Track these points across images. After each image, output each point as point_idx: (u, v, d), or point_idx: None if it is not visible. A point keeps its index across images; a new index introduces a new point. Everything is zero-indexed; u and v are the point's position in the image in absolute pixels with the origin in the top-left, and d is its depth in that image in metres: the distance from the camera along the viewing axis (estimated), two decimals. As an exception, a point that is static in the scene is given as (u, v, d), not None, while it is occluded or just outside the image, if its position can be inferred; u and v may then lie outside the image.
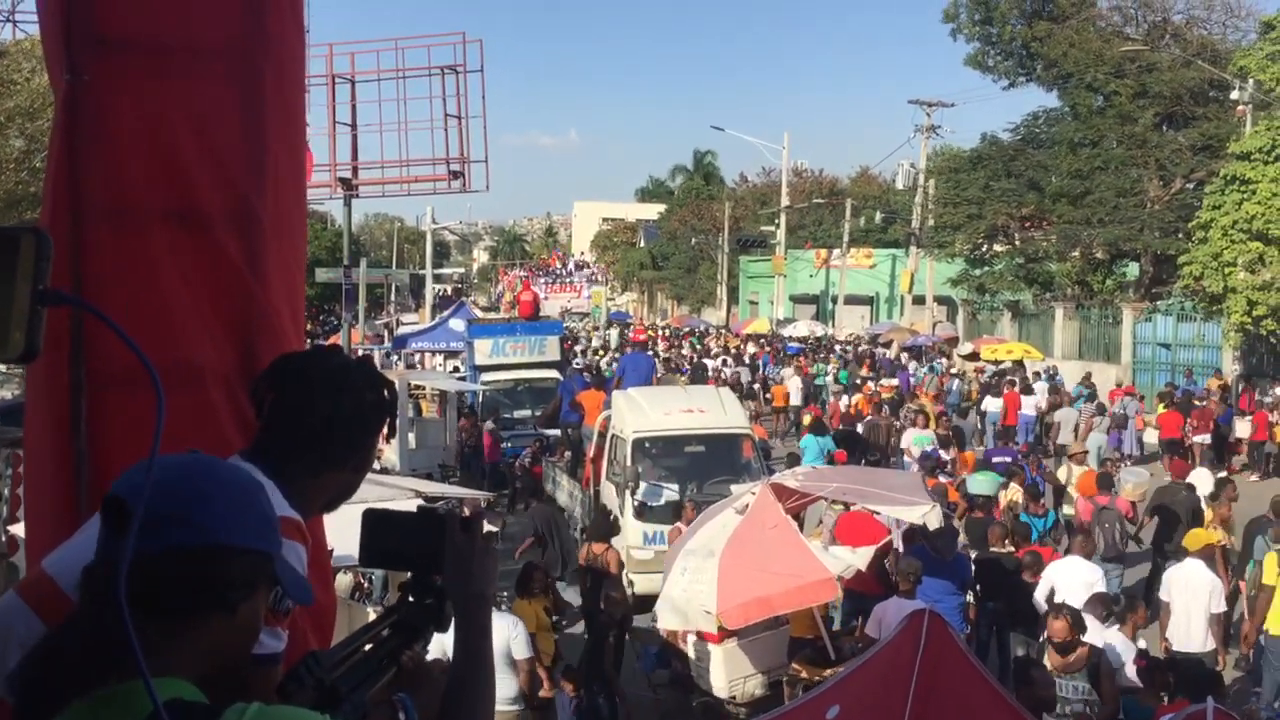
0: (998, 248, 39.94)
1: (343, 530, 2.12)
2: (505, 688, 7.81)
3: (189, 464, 1.48)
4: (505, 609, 8.51)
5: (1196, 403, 23.22)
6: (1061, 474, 16.41)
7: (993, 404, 25.52)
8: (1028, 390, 25.82)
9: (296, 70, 2.87)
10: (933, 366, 33.63)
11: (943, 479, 15.88)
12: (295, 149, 2.85)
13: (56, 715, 1.36)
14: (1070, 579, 9.95)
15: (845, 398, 25.77)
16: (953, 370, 32.67)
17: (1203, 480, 14.34)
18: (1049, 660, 7.74)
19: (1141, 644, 8.94)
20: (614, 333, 53.39)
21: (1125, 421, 23.06)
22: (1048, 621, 8.06)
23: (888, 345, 41.34)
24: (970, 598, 10.90)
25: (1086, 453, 17.56)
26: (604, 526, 12.39)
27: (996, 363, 31.52)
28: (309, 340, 4.15)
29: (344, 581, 11.39)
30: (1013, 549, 11.49)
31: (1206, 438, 22.08)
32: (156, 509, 1.36)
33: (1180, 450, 21.21)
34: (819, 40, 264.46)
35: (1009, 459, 17.23)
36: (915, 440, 19.15)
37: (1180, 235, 31.15)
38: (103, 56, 2.46)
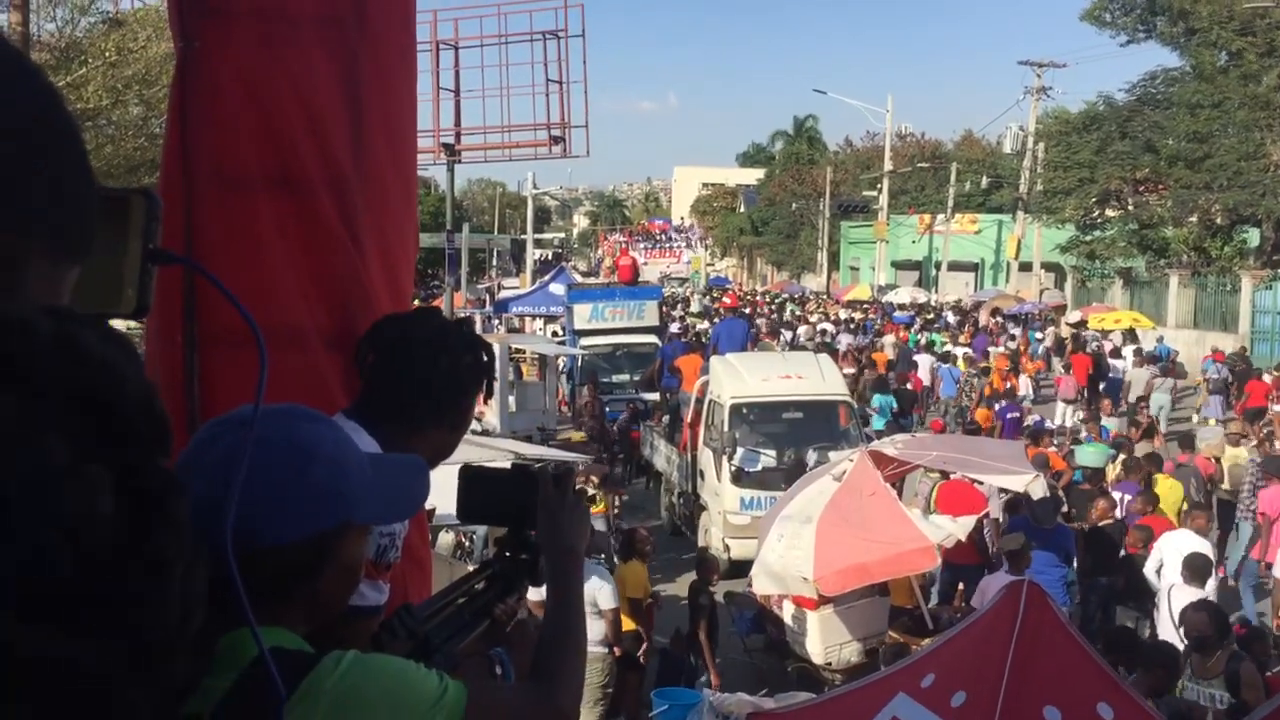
0: (1110, 213, 38.69)
1: (443, 489, 2.17)
2: (593, 630, 8.12)
3: (232, 450, 1.41)
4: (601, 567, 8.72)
5: (1276, 371, 23.16)
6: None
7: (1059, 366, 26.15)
8: (1117, 354, 26.44)
9: (397, 42, 2.88)
10: (1031, 334, 32.93)
11: (1052, 449, 15.68)
12: (394, 120, 2.86)
13: None
14: (1179, 553, 9.69)
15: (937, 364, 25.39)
16: (1037, 337, 32.12)
17: None
18: (1191, 666, 6.93)
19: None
20: (693, 295, 53.30)
21: (1225, 387, 23.38)
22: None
23: (994, 313, 40.42)
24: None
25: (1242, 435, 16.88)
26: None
27: (1105, 331, 30.74)
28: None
29: (446, 540, 11.63)
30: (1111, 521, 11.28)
31: None
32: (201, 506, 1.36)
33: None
34: (925, 1, 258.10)
35: (1016, 414, 19.43)
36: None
37: (1306, 200, 29.87)
38: (212, 24, 2.53)
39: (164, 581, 0.76)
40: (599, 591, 8.28)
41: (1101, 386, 24.61)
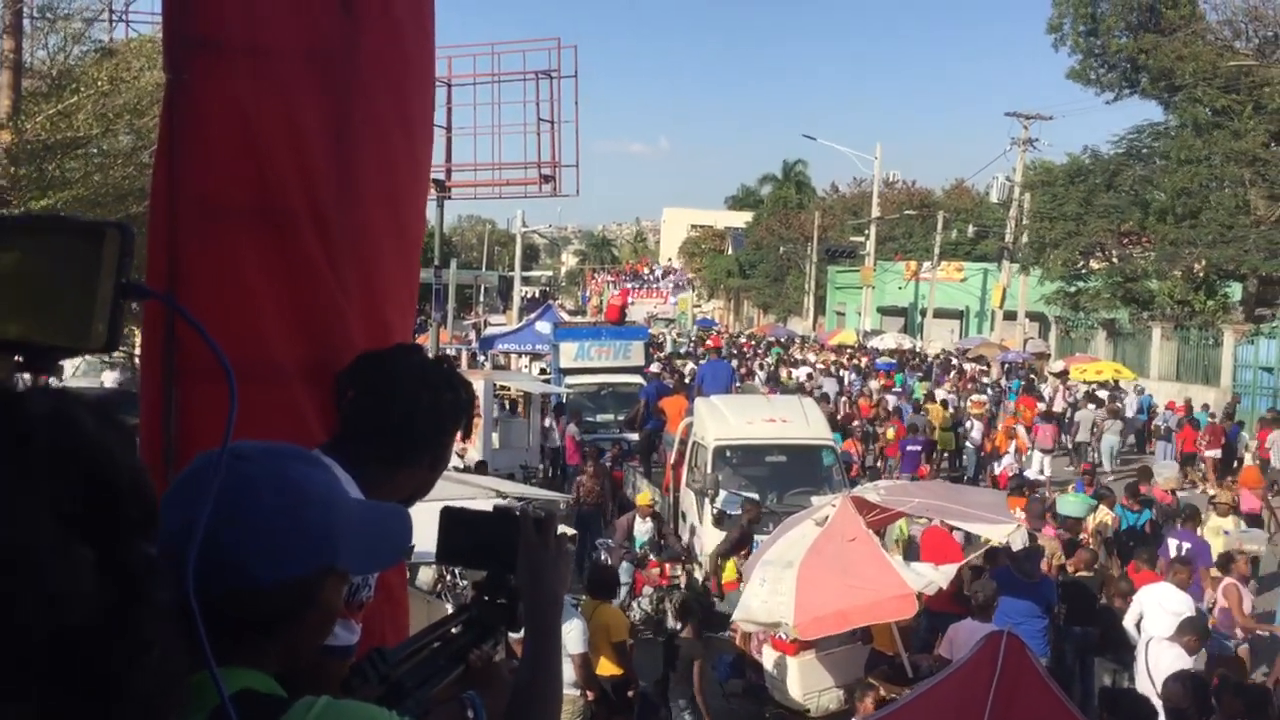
0: (1094, 264, 38.97)
1: (421, 526, 2.14)
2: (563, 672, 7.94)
3: (227, 488, 1.37)
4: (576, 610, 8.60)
5: (1209, 419, 24.32)
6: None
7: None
8: (1092, 398, 27.24)
9: (396, 78, 2.85)
10: (1014, 384, 33.04)
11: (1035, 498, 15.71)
12: (389, 156, 2.85)
13: None
14: (1160, 606, 9.66)
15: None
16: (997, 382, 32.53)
17: None
18: None
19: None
20: (669, 334, 53.65)
21: (1169, 434, 24.43)
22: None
23: (978, 360, 40.55)
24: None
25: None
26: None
27: (1087, 382, 30.89)
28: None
29: (426, 576, 11.52)
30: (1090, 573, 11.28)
31: (1218, 452, 22.56)
32: (190, 547, 1.30)
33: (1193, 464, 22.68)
34: (915, 51, 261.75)
35: (917, 447, 20.31)
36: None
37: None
38: (200, 57, 2.53)
39: (140, 662, 0.75)
40: (568, 634, 8.02)
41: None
